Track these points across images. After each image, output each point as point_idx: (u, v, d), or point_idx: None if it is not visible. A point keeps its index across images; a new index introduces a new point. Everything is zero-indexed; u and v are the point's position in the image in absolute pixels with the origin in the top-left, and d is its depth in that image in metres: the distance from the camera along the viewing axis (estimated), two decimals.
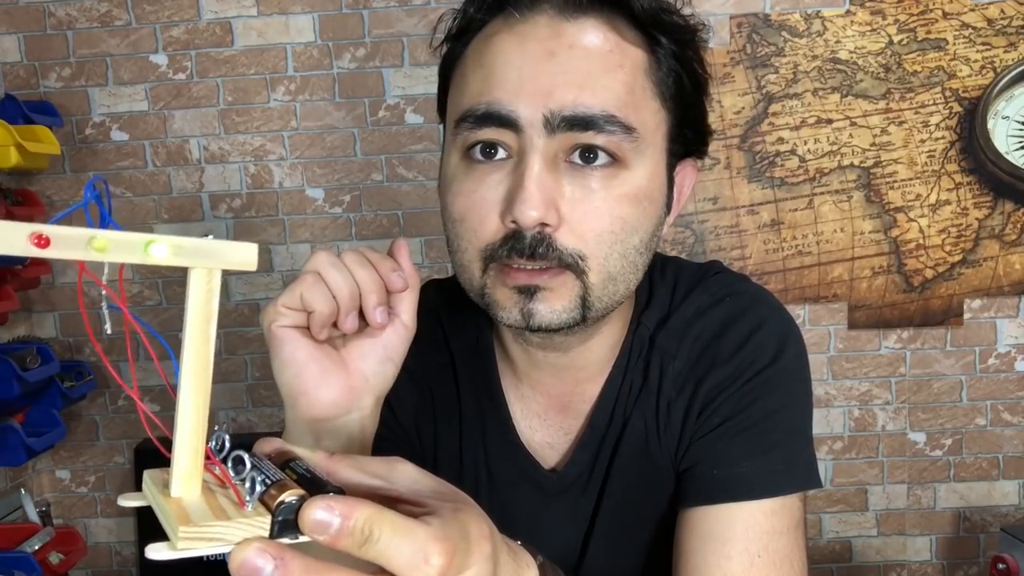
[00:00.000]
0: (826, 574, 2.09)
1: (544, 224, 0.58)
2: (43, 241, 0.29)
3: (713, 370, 0.68)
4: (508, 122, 0.59)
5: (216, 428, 0.37)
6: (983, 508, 2.06)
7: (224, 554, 0.31)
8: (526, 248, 0.58)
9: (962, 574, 2.08)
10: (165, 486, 0.35)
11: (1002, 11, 1.90)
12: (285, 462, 0.37)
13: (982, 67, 1.91)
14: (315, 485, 0.34)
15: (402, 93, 1.96)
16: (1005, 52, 1.91)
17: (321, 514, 0.31)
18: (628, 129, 0.59)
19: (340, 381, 0.58)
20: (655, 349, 0.71)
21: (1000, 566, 1.82)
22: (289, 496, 0.32)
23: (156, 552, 0.32)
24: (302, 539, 0.32)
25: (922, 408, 2.03)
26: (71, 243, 0.30)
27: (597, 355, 0.71)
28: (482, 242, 0.61)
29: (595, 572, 0.73)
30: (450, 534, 0.34)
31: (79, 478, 2.08)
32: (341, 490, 0.34)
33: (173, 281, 2.01)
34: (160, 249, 0.32)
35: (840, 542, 2.08)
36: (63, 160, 1.97)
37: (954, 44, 1.91)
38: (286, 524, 0.32)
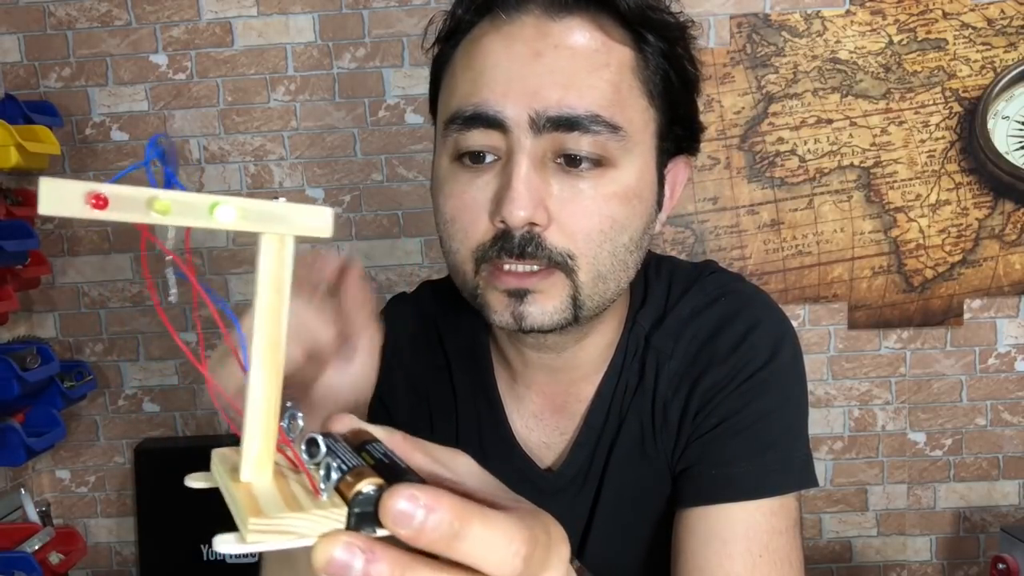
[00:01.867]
0: (826, 574, 2.09)
1: (533, 224, 0.58)
2: (101, 201, 0.26)
3: (709, 370, 0.68)
4: (495, 123, 0.59)
5: (289, 404, 0.34)
6: (983, 508, 2.06)
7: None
8: (515, 247, 0.59)
9: (962, 574, 2.08)
10: (234, 469, 0.32)
11: (1002, 11, 1.90)
12: (361, 444, 0.34)
13: (982, 67, 1.91)
14: (394, 473, 0.30)
15: (402, 93, 1.96)
16: (1005, 52, 1.91)
17: (404, 504, 0.28)
18: (614, 128, 0.59)
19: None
20: (651, 349, 0.71)
21: (1000, 566, 1.82)
22: (367, 486, 0.29)
23: (224, 544, 0.29)
24: (381, 533, 0.29)
25: (922, 408, 2.03)
26: (131, 204, 0.27)
27: (592, 355, 0.71)
28: (473, 243, 0.61)
29: (593, 572, 0.73)
30: (534, 528, 0.31)
31: (79, 478, 2.08)
32: (422, 480, 0.30)
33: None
34: (227, 212, 0.29)
35: (840, 542, 2.08)
36: (63, 160, 1.97)
37: (954, 44, 1.91)
38: (364, 517, 0.29)
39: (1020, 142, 1.93)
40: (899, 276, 1.98)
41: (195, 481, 0.34)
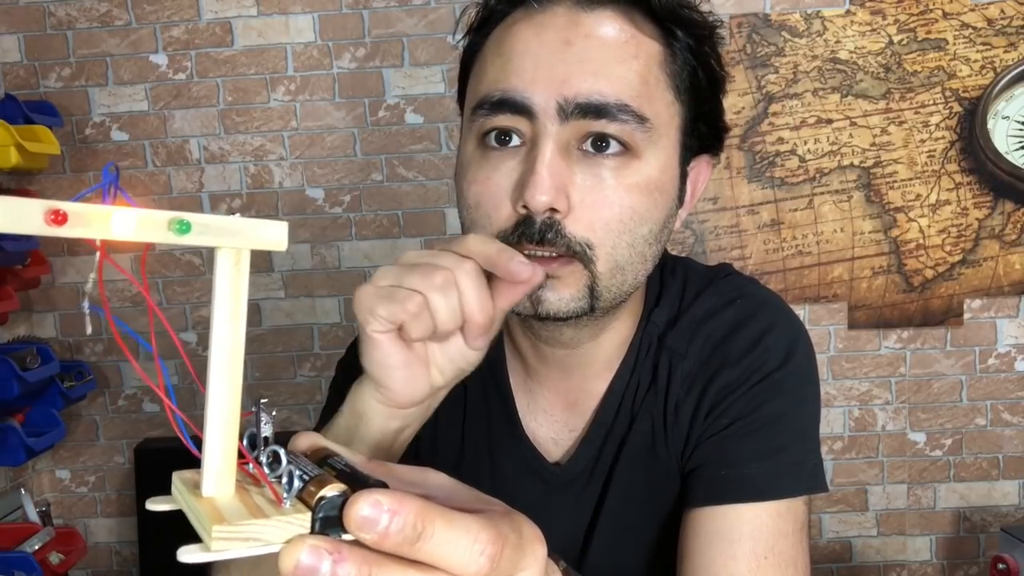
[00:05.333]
0: (826, 574, 2.09)
1: (554, 210, 0.59)
2: (60, 218, 0.27)
3: (722, 371, 0.68)
4: (522, 109, 0.60)
5: (262, 416, 0.35)
6: (983, 508, 2.06)
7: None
8: (535, 233, 0.59)
9: (962, 574, 2.08)
10: (196, 487, 0.33)
11: (1002, 11, 1.90)
12: (323, 459, 0.34)
13: (982, 67, 1.91)
14: (357, 480, 0.31)
15: (402, 93, 1.96)
16: (1005, 52, 1.91)
17: (368, 510, 0.28)
18: (641, 119, 0.60)
19: (423, 383, 0.57)
20: (664, 349, 0.71)
21: (1000, 566, 1.82)
22: (330, 491, 0.30)
23: (188, 555, 0.29)
24: (345, 538, 0.29)
25: (922, 408, 2.03)
26: (90, 220, 0.28)
27: (606, 352, 0.71)
28: (495, 228, 0.62)
29: (597, 569, 0.73)
30: (502, 527, 0.31)
31: (79, 478, 2.08)
32: (385, 484, 0.30)
33: (173, 281, 2.01)
34: (185, 227, 0.30)
35: (840, 542, 2.08)
36: (63, 160, 1.97)
37: (954, 44, 1.91)
38: (328, 521, 0.29)
39: (1020, 142, 1.93)
40: (899, 276, 1.98)
41: (157, 504, 0.34)
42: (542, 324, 0.66)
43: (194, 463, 0.35)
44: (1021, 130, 1.93)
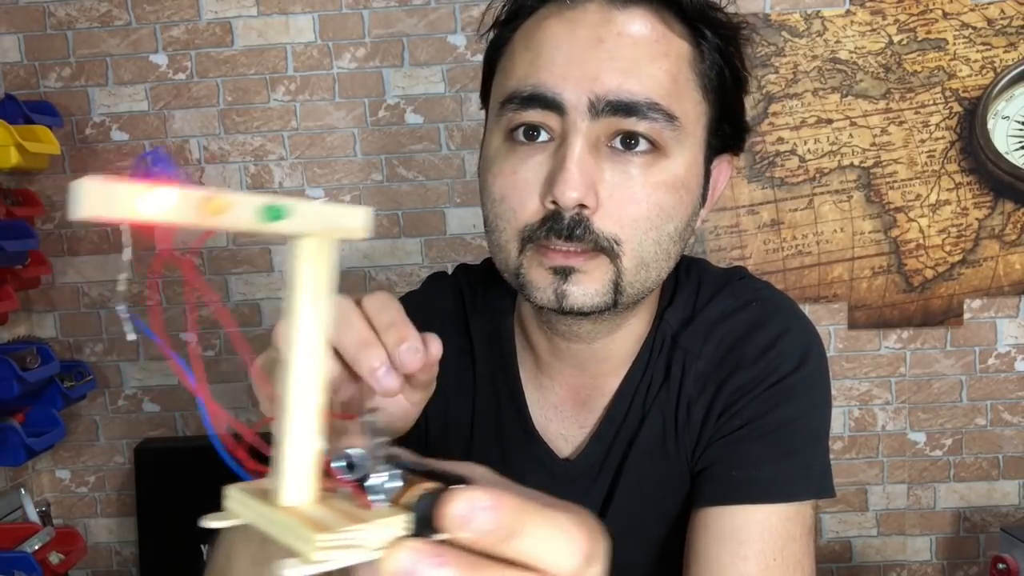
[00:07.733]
0: (826, 574, 2.09)
1: (583, 206, 0.59)
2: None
3: (736, 373, 0.69)
4: (553, 105, 0.60)
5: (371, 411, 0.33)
6: (983, 508, 2.06)
7: None
8: (564, 229, 0.60)
9: (962, 574, 2.08)
10: (264, 497, 0.30)
11: (1002, 11, 1.90)
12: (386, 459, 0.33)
13: (982, 67, 1.91)
14: (442, 478, 0.30)
15: (402, 93, 1.96)
16: (1005, 52, 1.91)
17: (463, 507, 0.27)
18: (670, 117, 0.60)
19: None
20: (678, 348, 0.71)
21: (1000, 566, 1.82)
22: (423, 491, 0.29)
23: (291, 569, 0.27)
24: (437, 538, 0.28)
25: (922, 408, 2.03)
26: (185, 204, 0.25)
27: (621, 348, 0.72)
28: (521, 223, 0.62)
29: None
30: (587, 521, 0.30)
31: (79, 478, 2.08)
32: (468, 481, 0.29)
33: (174, 281, 2.01)
34: (278, 214, 0.27)
35: (840, 542, 2.08)
36: (63, 160, 1.97)
37: (954, 44, 1.91)
38: (423, 522, 0.28)
39: (1020, 142, 1.93)
40: (899, 276, 1.97)
41: (215, 520, 0.32)
42: (561, 318, 0.66)
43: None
44: (1021, 130, 1.93)
